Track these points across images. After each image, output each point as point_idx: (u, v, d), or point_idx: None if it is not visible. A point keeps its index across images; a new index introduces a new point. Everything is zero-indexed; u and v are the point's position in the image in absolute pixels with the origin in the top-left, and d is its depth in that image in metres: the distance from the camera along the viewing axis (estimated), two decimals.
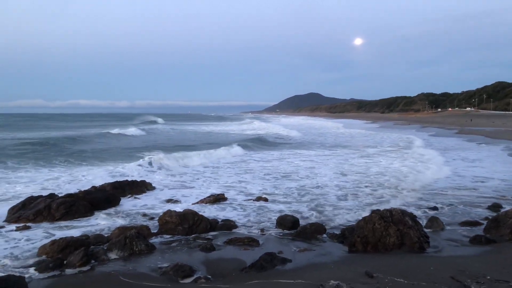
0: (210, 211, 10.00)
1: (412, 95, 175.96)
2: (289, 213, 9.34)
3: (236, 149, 24.54)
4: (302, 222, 8.78)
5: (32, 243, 7.64)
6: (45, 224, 8.98)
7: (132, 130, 46.49)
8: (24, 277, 5.81)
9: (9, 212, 9.55)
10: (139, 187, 12.12)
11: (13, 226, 8.77)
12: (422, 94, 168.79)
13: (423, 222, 8.55)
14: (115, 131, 43.97)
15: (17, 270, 6.33)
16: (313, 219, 9.24)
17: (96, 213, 9.80)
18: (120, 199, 10.83)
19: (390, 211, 7.31)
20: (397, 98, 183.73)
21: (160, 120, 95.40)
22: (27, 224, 8.87)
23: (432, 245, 7.10)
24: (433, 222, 8.53)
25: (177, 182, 14.33)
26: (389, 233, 6.92)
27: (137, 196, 11.66)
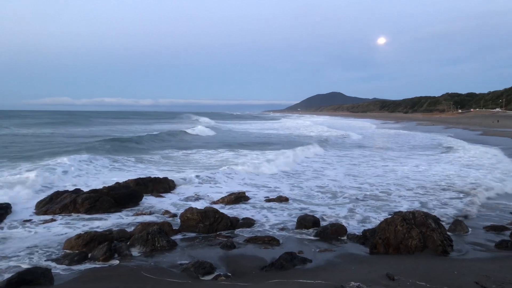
0: (231, 210, 10.05)
1: (436, 95, 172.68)
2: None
3: (317, 149, 24.98)
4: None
5: (58, 236, 7.85)
6: (71, 218, 9.20)
7: (203, 129, 45.53)
8: (50, 269, 5.98)
9: (37, 205, 9.85)
10: (162, 184, 12.27)
11: (41, 219, 9.02)
12: (447, 94, 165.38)
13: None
14: (190, 130, 43.17)
15: (43, 262, 6.52)
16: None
17: (120, 209, 9.98)
18: (143, 195, 10.99)
19: (413, 213, 7.21)
20: (421, 98, 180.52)
21: (205, 119, 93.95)
22: (54, 218, 9.12)
23: (455, 249, 6.97)
24: (457, 225, 8.37)
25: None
26: (411, 236, 6.83)
27: (160, 193, 11.81)
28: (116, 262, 6.55)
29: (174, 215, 9.45)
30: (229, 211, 9.78)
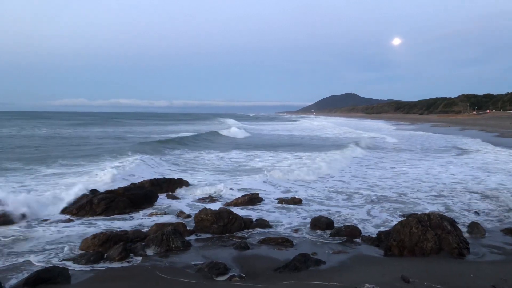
0: (244, 211, 10.08)
1: (452, 96, 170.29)
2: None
3: (359, 150, 25.05)
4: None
5: (75, 236, 7.97)
6: (87, 218, 9.33)
7: (236, 131, 45.07)
8: (67, 268, 6.09)
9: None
10: (177, 185, 12.37)
11: (58, 219, 9.16)
12: (463, 95, 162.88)
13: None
14: (224, 132, 42.75)
15: (60, 261, 6.63)
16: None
17: (135, 209, 10.09)
18: (158, 196, 11.10)
19: (428, 215, 7.14)
20: (437, 99, 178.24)
21: (232, 120, 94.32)
22: (71, 218, 9.27)
23: (472, 252, 6.88)
24: (474, 228, 8.25)
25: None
26: (426, 238, 6.76)
27: (174, 193, 11.90)
28: (131, 262, 6.63)
29: (189, 216, 9.52)
30: (242, 212, 9.81)
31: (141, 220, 9.33)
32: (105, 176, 13.79)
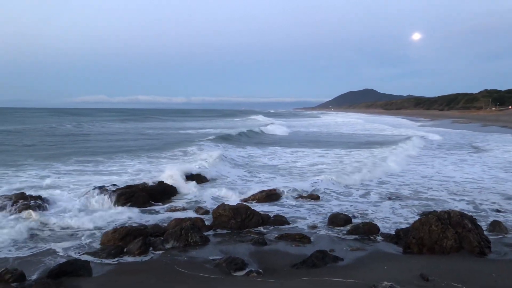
0: (262, 207, 10.11)
1: (474, 92, 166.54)
2: None
3: (416, 148, 24.25)
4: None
5: (96, 230, 8.12)
6: (107, 213, 9.48)
7: (278, 127, 44.55)
8: (89, 262, 6.23)
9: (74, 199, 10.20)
10: (195, 180, 12.48)
11: (80, 213, 9.34)
12: (485, 90, 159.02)
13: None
14: (265, 128, 41.90)
15: (82, 255, 6.77)
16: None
17: (154, 204, 10.21)
18: (177, 191, 11.21)
19: (448, 213, 7.04)
20: (457, 95, 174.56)
21: (261, 116, 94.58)
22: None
23: (493, 251, 6.75)
24: (495, 226, 8.10)
25: None
26: (446, 236, 6.67)
27: (194, 188, 11.98)
28: (150, 256, 6.74)
29: (207, 211, 9.58)
30: (260, 207, 9.83)
31: (160, 215, 9.45)
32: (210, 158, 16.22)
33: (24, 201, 9.00)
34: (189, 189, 11.73)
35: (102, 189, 10.24)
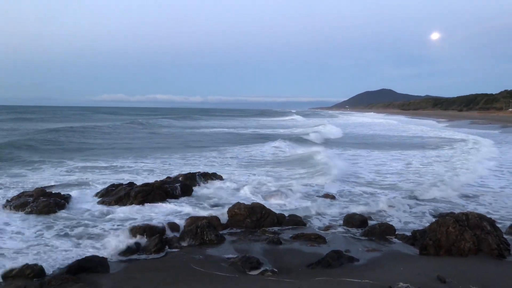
0: (277, 206, 10.09)
1: (494, 93, 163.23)
2: None
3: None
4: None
5: (113, 227, 8.24)
6: (125, 210, 9.61)
7: (332, 129, 42.21)
8: (106, 258, 6.33)
9: (94, 197, 10.38)
10: (211, 179, 12.54)
11: (97, 210, 9.50)
12: (505, 91, 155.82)
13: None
14: (321, 130, 39.84)
15: (100, 251, 6.88)
16: None
17: (170, 202, 10.29)
18: (192, 190, 11.28)
19: (466, 214, 6.95)
20: (476, 95, 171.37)
21: (298, 116, 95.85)
22: (108, 208, 9.57)
23: None
24: None
25: None
26: (464, 238, 6.58)
27: (209, 187, 12.05)
28: (166, 254, 6.81)
29: (222, 209, 9.61)
30: (275, 207, 9.83)
31: (176, 213, 9.51)
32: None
33: (44, 198, 9.20)
34: None
35: (120, 186, 10.38)
